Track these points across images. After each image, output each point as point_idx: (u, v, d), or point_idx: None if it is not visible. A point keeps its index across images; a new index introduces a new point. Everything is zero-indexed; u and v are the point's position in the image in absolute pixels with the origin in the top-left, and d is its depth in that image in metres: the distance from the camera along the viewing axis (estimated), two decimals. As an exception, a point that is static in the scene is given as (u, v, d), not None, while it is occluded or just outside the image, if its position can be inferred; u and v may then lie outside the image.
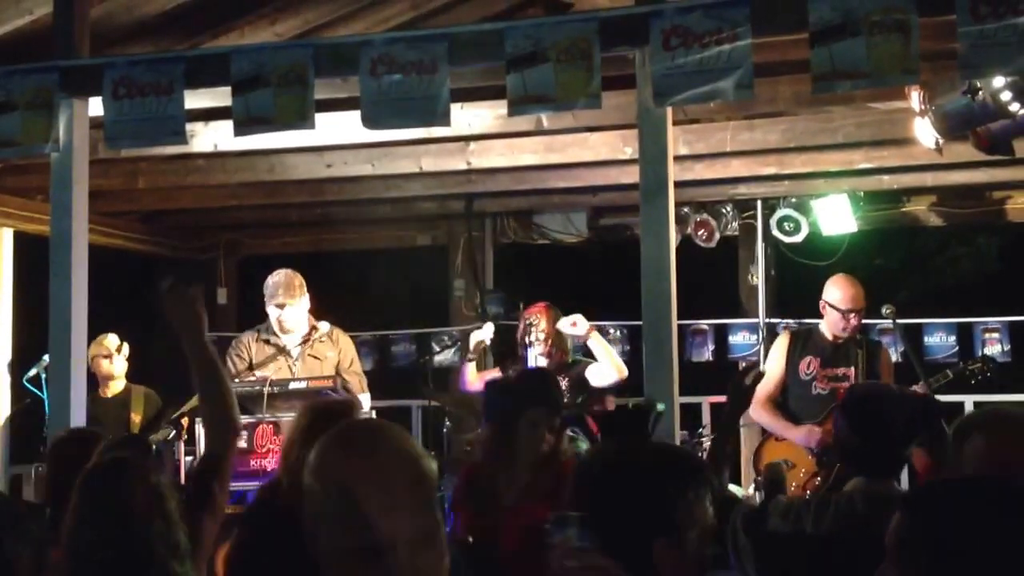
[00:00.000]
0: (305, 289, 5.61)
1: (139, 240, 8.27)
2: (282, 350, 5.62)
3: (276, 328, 5.60)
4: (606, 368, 5.47)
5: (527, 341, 5.48)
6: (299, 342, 5.62)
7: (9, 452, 6.79)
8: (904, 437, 2.87)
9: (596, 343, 5.50)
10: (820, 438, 5.17)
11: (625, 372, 5.52)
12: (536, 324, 5.50)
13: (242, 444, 5.11)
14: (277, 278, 5.59)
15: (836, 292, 5.38)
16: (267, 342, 5.64)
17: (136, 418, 6.18)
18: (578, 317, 5.50)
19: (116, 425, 6.14)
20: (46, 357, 5.27)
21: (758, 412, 5.56)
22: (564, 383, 5.51)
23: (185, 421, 5.13)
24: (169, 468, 4.94)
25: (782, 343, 5.61)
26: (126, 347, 6.37)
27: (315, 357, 5.61)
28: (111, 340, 6.33)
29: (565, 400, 5.47)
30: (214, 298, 8.75)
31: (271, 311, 5.56)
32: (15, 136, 4.23)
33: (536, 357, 5.49)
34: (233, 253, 8.87)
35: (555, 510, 1.85)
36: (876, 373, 5.37)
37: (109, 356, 6.27)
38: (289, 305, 5.50)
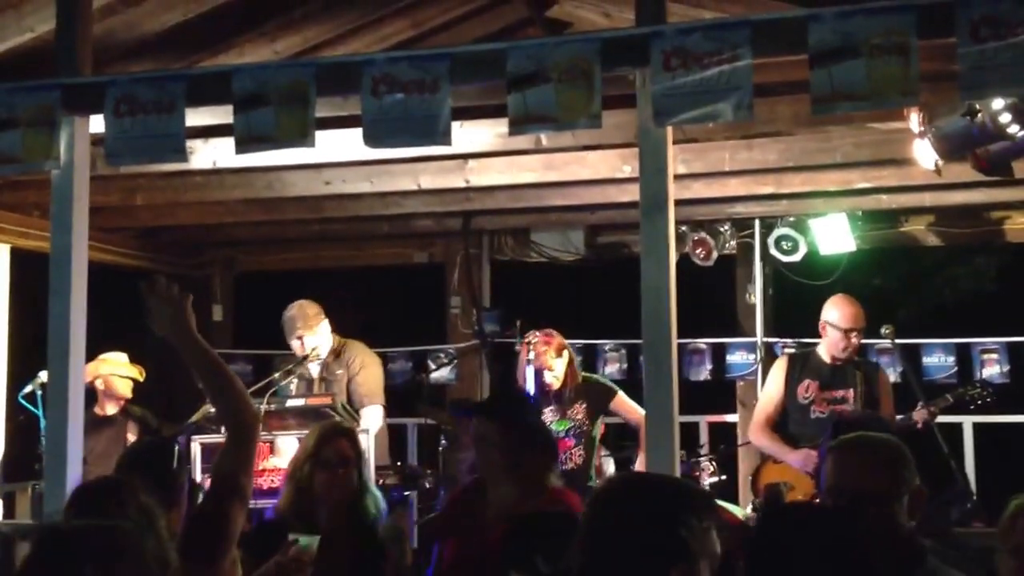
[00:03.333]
0: (322, 316, 5.67)
1: (135, 256, 8.24)
2: (307, 380, 5.69)
3: (302, 359, 5.68)
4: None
5: (542, 364, 5.36)
6: (319, 368, 5.67)
7: (3, 470, 6.74)
8: None
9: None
10: (817, 462, 5.15)
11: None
12: (548, 348, 5.42)
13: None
14: (291, 312, 5.70)
15: (836, 312, 5.38)
16: (299, 376, 5.71)
17: (132, 439, 6.15)
18: None
19: (111, 445, 6.11)
20: (42, 374, 5.26)
21: (757, 436, 5.56)
22: (583, 408, 5.45)
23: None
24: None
25: (780, 366, 5.61)
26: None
27: (326, 379, 5.66)
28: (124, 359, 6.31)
29: (584, 426, 5.43)
30: (210, 315, 8.74)
31: (294, 345, 5.63)
32: (16, 153, 4.21)
33: (553, 379, 5.41)
34: (229, 270, 8.86)
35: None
36: (875, 395, 5.37)
37: (131, 379, 6.25)
38: (308, 335, 5.57)
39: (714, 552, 1.92)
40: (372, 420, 5.53)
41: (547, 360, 5.37)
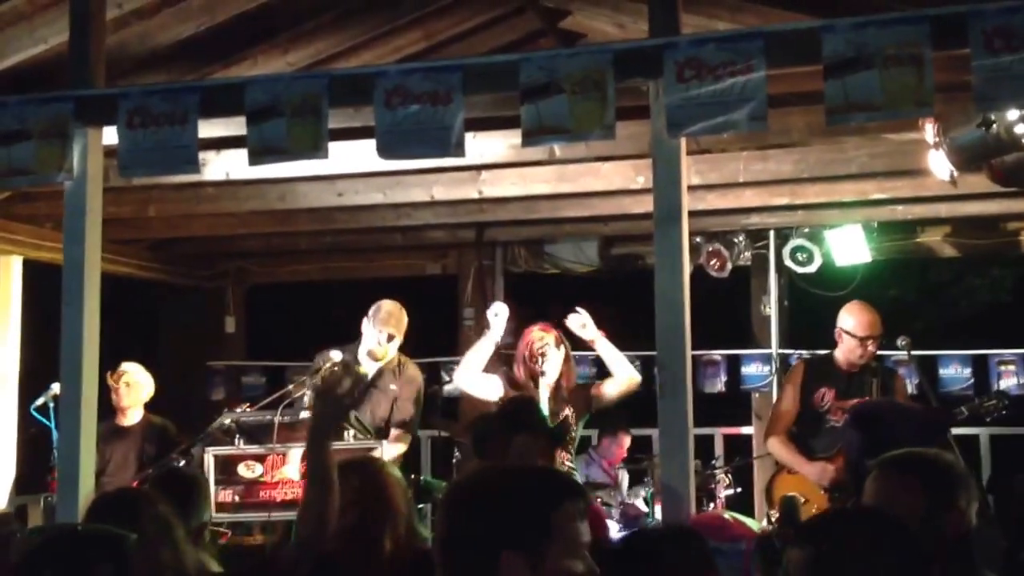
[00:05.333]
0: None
1: (147, 268, 8.28)
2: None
3: (367, 351, 5.62)
4: (623, 374, 5.30)
5: (537, 351, 5.29)
6: (373, 372, 5.64)
7: (16, 482, 6.75)
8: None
9: (605, 348, 5.35)
10: (832, 476, 5.10)
11: (638, 377, 5.38)
12: (546, 335, 5.35)
13: (251, 475, 5.10)
14: (393, 307, 5.63)
15: (852, 319, 5.31)
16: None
17: (151, 450, 6.14)
18: (587, 319, 5.38)
19: (129, 455, 6.12)
20: (55, 386, 5.25)
21: (773, 443, 5.49)
22: (569, 412, 5.37)
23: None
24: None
25: (797, 372, 5.54)
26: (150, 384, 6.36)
27: (377, 388, 5.62)
28: (139, 374, 6.30)
29: (571, 430, 5.36)
30: (222, 327, 8.76)
31: (376, 334, 5.56)
32: (29, 164, 4.23)
33: (551, 376, 5.30)
34: (242, 281, 8.88)
35: None
36: (892, 402, 5.32)
37: (130, 386, 6.23)
38: (397, 338, 5.55)
39: (573, 539, 1.87)
40: (391, 449, 5.49)
41: (543, 347, 5.28)
